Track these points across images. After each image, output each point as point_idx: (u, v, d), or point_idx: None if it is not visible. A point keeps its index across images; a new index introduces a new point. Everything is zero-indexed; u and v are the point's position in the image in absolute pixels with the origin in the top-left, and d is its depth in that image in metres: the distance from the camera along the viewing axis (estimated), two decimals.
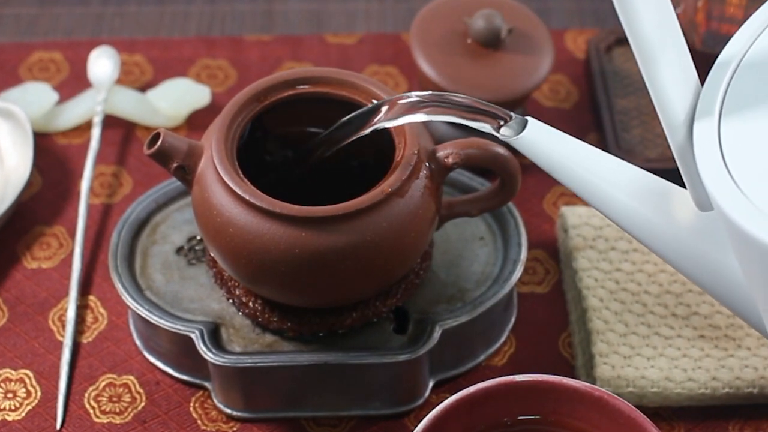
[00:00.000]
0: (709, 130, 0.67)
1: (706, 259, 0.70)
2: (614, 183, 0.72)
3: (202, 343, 0.82)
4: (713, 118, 0.67)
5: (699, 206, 0.70)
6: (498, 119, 0.74)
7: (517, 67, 0.94)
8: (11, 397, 0.86)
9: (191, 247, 0.88)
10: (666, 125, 0.68)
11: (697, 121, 0.68)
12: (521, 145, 0.73)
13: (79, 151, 0.99)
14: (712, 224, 0.69)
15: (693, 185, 0.69)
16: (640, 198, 0.71)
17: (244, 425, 0.84)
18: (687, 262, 0.71)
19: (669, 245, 0.71)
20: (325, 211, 0.76)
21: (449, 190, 0.90)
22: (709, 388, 0.83)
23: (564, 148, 0.73)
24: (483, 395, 0.73)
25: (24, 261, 0.93)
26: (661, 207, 0.71)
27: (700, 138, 0.67)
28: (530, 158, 0.73)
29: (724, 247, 0.69)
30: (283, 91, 0.83)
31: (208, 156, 0.79)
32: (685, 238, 0.70)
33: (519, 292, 0.91)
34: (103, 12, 1.13)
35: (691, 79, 0.68)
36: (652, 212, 0.71)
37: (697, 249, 0.70)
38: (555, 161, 0.73)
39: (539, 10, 1.11)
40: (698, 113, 0.68)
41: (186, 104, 1.00)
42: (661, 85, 0.66)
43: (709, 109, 0.68)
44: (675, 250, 0.71)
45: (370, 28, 1.12)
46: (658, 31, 0.65)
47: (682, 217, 0.70)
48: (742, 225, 0.64)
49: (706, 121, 0.67)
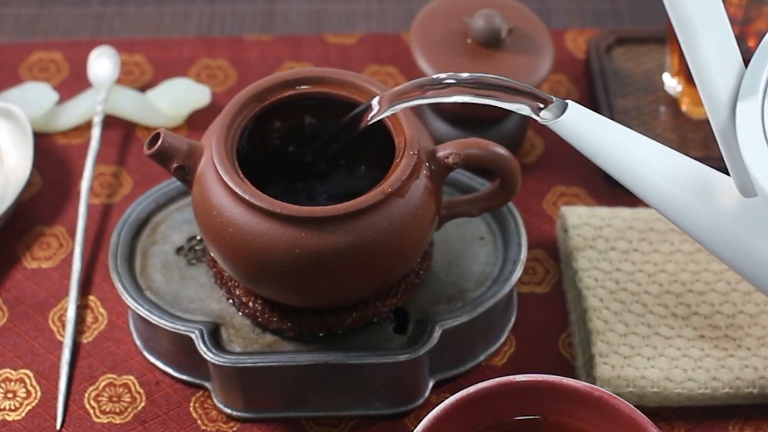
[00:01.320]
0: (752, 111, 0.66)
1: (748, 246, 0.69)
2: (655, 168, 0.70)
3: (202, 343, 0.82)
4: (757, 98, 0.66)
5: (742, 192, 0.69)
6: (538, 101, 0.72)
7: (517, 67, 0.94)
8: (11, 397, 0.86)
9: (191, 247, 0.88)
10: (708, 105, 0.66)
11: (741, 101, 0.66)
12: (561, 129, 0.72)
13: (79, 151, 0.99)
14: (756, 211, 0.68)
15: (735, 169, 0.68)
16: (682, 183, 0.70)
17: (244, 425, 0.84)
18: (728, 249, 0.70)
19: (710, 232, 0.70)
20: (325, 211, 0.76)
21: (449, 190, 0.90)
22: (709, 388, 0.83)
23: (604, 131, 0.71)
24: (483, 395, 0.73)
25: (24, 261, 0.93)
26: (702, 193, 0.70)
27: (743, 118, 0.66)
28: (570, 142, 0.72)
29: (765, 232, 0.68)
30: (283, 91, 0.83)
31: (208, 156, 0.79)
32: (726, 225, 0.69)
33: (519, 292, 0.91)
34: (103, 12, 1.13)
35: (735, 58, 0.67)
36: (693, 198, 0.70)
37: (739, 236, 0.69)
38: (595, 145, 0.71)
39: (539, 10, 1.11)
40: (742, 93, 0.66)
41: (186, 104, 1.00)
42: (704, 64, 0.65)
43: (752, 89, 0.66)
44: (716, 237, 0.70)
45: (370, 28, 1.12)
46: (700, 7, 0.64)
47: (725, 204, 0.69)
48: None
49: (750, 102, 0.66)
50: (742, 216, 0.69)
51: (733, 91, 0.66)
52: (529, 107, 0.73)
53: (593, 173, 0.98)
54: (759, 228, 0.68)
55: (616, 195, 0.96)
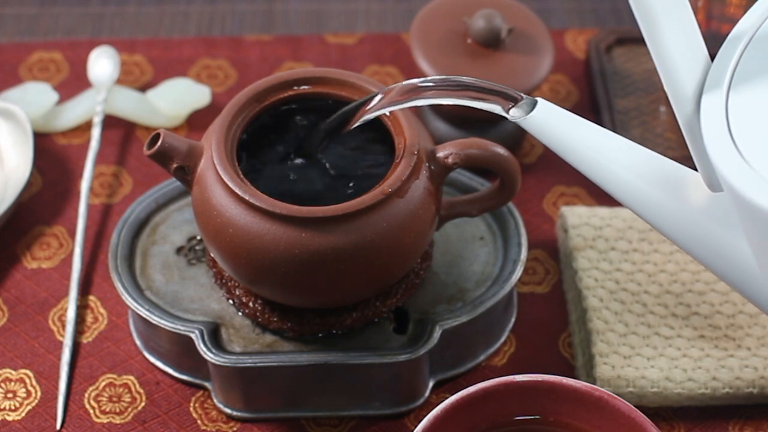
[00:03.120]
0: (717, 104, 0.66)
1: (717, 241, 0.69)
2: (624, 164, 0.71)
3: (202, 343, 0.82)
4: (721, 92, 0.66)
5: (709, 186, 0.69)
6: (508, 100, 0.73)
7: (517, 67, 0.94)
8: (11, 397, 0.86)
9: (191, 247, 0.88)
10: (673, 99, 0.67)
11: (705, 95, 0.67)
12: (530, 126, 0.72)
13: (79, 151, 0.99)
14: (723, 205, 0.68)
15: (702, 163, 0.68)
16: (651, 179, 0.70)
17: (244, 425, 0.84)
18: (697, 244, 0.70)
19: (679, 227, 0.70)
20: (325, 211, 0.76)
21: (449, 190, 0.90)
22: (709, 388, 0.83)
23: (574, 128, 0.72)
24: (483, 395, 0.73)
25: (24, 261, 0.93)
26: (671, 188, 0.70)
27: (708, 111, 0.66)
28: (539, 139, 0.72)
29: (735, 229, 0.68)
30: (283, 91, 0.83)
31: (208, 156, 0.79)
32: (695, 220, 0.69)
33: (519, 292, 0.91)
34: (103, 12, 1.13)
35: (700, 52, 0.67)
36: (662, 193, 0.70)
37: (708, 231, 0.69)
38: (564, 142, 0.72)
39: (539, 10, 1.11)
40: (706, 87, 0.67)
41: (186, 104, 1.00)
42: (668, 58, 0.65)
43: (717, 82, 0.66)
44: (685, 232, 0.70)
45: (370, 28, 1.12)
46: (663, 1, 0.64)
47: (693, 198, 0.69)
48: (750, 197, 0.62)
49: (715, 95, 0.66)
50: (709, 211, 0.69)
51: (698, 85, 0.67)
52: (500, 106, 0.73)
53: None
54: (726, 222, 0.68)
55: None
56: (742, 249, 0.68)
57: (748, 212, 0.64)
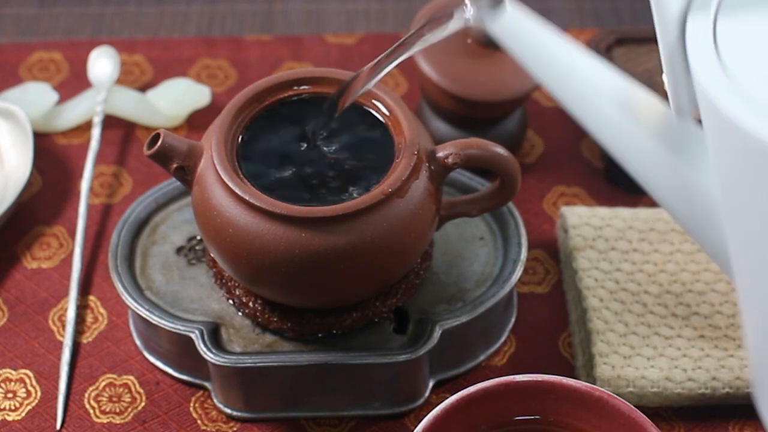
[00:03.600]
0: (704, 26, 0.64)
1: (676, 172, 0.67)
2: (585, 78, 0.69)
3: (202, 343, 0.82)
4: (709, 15, 0.65)
5: (677, 110, 0.67)
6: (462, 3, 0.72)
7: (517, 67, 0.94)
8: (11, 397, 0.86)
9: (191, 247, 0.88)
10: (658, 22, 0.65)
11: (692, 16, 0.65)
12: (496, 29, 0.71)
13: (79, 151, 0.99)
14: (687, 135, 0.67)
15: (675, 85, 0.66)
16: (615, 101, 0.68)
17: (244, 425, 0.84)
18: (653, 172, 0.68)
19: (637, 153, 0.68)
20: (325, 211, 0.76)
21: (449, 190, 0.90)
22: (709, 388, 0.83)
23: (542, 36, 0.70)
24: (483, 395, 0.73)
25: (24, 261, 0.93)
26: (631, 109, 0.68)
27: (694, 33, 0.65)
28: (504, 44, 0.71)
29: (697, 162, 0.66)
30: (283, 91, 0.83)
31: (208, 156, 0.79)
32: (653, 147, 0.67)
33: (519, 292, 0.91)
34: (103, 12, 1.13)
35: None
36: (623, 116, 0.68)
37: (666, 159, 0.67)
38: (530, 49, 0.70)
39: (539, 10, 1.11)
40: (693, 9, 0.65)
41: (186, 104, 1.00)
42: None
43: (705, 5, 0.65)
44: (643, 159, 0.68)
45: (370, 28, 1.12)
46: None
47: (654, 124, 0.67)
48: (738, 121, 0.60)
49: (702, 17, 0.65)
50: (671, 139, 0.67)
51: (685, 8, 0.66)
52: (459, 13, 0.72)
53: (593, 173, 0.98)
54: (688, 154, 0.67)
55: (616, 195, 0.96)
56: (702, 182, 0.66)
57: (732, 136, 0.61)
